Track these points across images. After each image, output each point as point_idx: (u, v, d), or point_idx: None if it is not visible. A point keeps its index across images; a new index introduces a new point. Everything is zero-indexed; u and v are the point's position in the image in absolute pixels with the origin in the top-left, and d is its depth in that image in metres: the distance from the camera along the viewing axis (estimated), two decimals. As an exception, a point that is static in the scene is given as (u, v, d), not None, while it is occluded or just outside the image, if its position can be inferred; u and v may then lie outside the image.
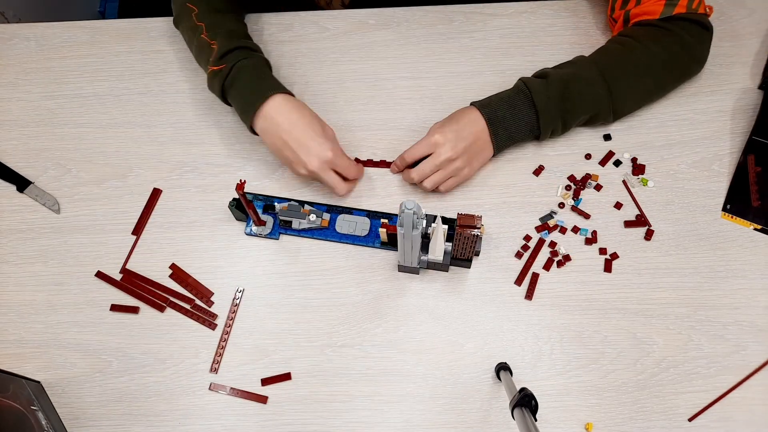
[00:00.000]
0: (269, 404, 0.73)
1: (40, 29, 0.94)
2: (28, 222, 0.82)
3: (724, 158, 0.82)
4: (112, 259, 0.80)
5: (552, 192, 0.81)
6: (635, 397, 0.71)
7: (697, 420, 0.71)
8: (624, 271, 0.77)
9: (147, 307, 0.77)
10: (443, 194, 0.80)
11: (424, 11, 0.92)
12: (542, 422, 0.70)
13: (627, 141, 0.83)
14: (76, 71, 0.91)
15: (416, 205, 0.61)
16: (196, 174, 0.84)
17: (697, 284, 0.76)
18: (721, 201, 0.80)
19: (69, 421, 0.73)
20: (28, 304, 0.78)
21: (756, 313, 0.74)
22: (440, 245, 0.70)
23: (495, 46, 0.90)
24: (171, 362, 0.75)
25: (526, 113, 0.77)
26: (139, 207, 0.82)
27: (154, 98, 0.89)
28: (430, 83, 0.88)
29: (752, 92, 0.85)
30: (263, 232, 0.79)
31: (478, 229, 0.66)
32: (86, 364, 0.75)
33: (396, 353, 0.74)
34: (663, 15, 0.79)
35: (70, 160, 0.85)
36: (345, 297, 0.77)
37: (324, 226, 0.79)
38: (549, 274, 0.77)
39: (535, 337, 0.74)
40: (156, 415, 0.73)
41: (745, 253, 0.77)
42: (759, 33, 0.89)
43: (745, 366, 0.72)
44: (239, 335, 0.75)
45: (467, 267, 0.77)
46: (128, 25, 0.94)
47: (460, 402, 0.72)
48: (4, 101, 0.89)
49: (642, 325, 0.74)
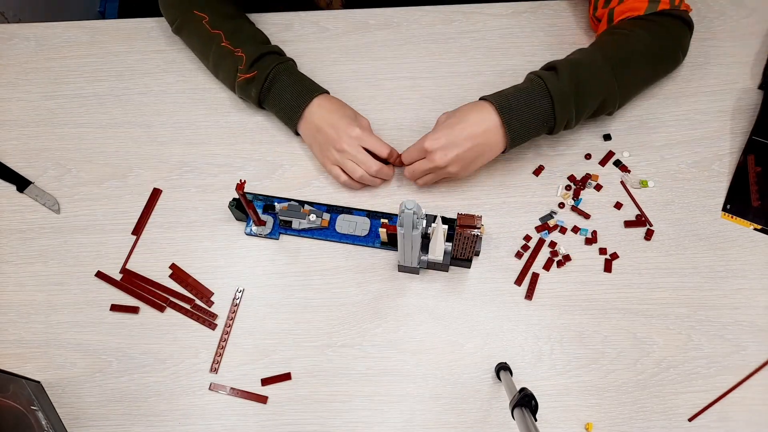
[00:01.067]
0: (269, 404, 0.73)
1: (40, 29, 0.94)
2: (28, 222, 0.82)
3: (724, 158, 0.82)
4: (112, 259, 0.80)
5: (552, 192, 0.81)
6: (635, 397, 0.71)
7: (697, 420, 0.71)
8: (624, 271, 0.77)
9: (147, 307, 0.77)
10: (443, 193, 0.80)
11: (424, 11, 0.92)
12: (542, 422, 0.70)
13: (627, 141, 0.83)
14: (76, 71, 0.91)
15: (416, 205, 0.61)
16: (196, 174, 0.84)
17: (697, 284, 0.76)
18: (721, 201, 0.80)
19: (69, 421, 0.73)
20: (28, 304, 0.78)
21: (756, 313, 0.74)
22: (440, 245, 0.70)
23: (495, 46, 0.90)
24: (171, 362, 0.75)
25: (541, 103, 0.74)
26: (139, 207, 0.82)
27: (154, 98, 0.89)
28: (430, 83, 0.88)
29: (752, 92, 0.85)
30: (263, 232, 0.79)
31: (478, 229, 0.66)
32: (86, 364, 0.75)
33: (396, 353, 0.74)
34: (648, 11, 0.80)
35: (70, 160, 0.85)
36: (345, 297, 0.77)
37: (324, 226, 0.79)
38: (549, 274, 0.77)
39: (535, 337, 0.74)
40: (156, 415, 0.73)
41: (745, 253, 0.77)
42: (759, 33, 0.89)
43: (745, 366, 0.72)
44: (239, 335, 0.75)
45: (467, 267, 0.77)
46: (128, 25, 0.94)
47: (460, 402, 0.72)
48: (4, 101, 0.89)
49: (642, 325, 0.74)
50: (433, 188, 0.81)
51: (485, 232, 0.78)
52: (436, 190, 0.81)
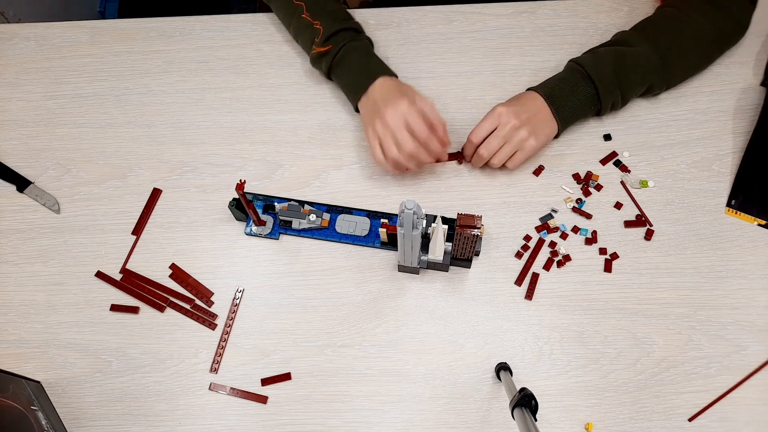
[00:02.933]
0: (269, 404, 0.73)
1: (40, 29, 0.94)
2: (28, 222, 0.82)
3: (725, 158, 0.82)
4: (112, 259, 0.80)
5: (553, 191, 0.81)
6: (635, 397, 0.71)
7: (697, 420, 0.71)
8: (624, 271, 0.77)
9: (147, 307, 0.77)
10: (443, 193, 0.80)
11: (424, 11, 0.92)
12: (542, 422, 0.70)
13: (627, 141, 0.83)
14: (76, 71, 0.91)
15: (416, 205, 0.61)
16: (196, 174, 0.84)
17: (697, 284, 0.76)
18: (722, 201, 0.80)
19: (69, 421, 0.73)
20: (28, 304, 0.78)
21: (756, 313, 0.74)
22: (440, 245, 0.70)
23: (495, 46, 0.90)
24: (171, 362, 0.75)
25: (584, 88, 0.79)
26: (139, 207, 0.82)
27: (154, 98, 0.89)
28: (430, 83, 0.87)
29: (753, 92, 0.85)
30: (263, 232, 0.79)
31: (478, 229, 0.66)
32: (86, 364, 0.75)
33: (396, 353, 0.74)
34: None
35: (70, 160, 0.85)
36: (345, 297, 0.77)
37: (324, 226, 0.79)
38: (549, 274, 0.77)
39: (535, 337, 0.74)
40: (156, 415, 0.73)
41: (745, 253, 0.77)
42: (759, 33, 0.89)
43: (745, 366, 0.72)
44: (239, 335, 0.75)
45: (467, 267, 0.77)
46: (128, 25, 0.94)
47: (460, 402, 0.72)
48: (4, 101, 0.89)
49: (642, 325, 0.74)
50: (433, 188, 0.81)
51: (485, 232, 0.78)
52: (435, 190, 0.81)
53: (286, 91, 0.88)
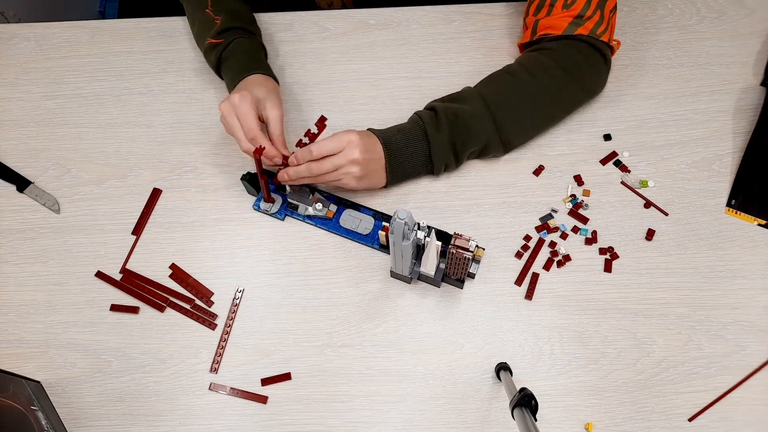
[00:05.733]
0: (269, 404, 0.73)
1: (40, 29, 0.94)
2: (28, 222, 0.82)
3: (725, 158, 0.82)
4: (112, 259, 0.80)
5: (553, 192, 0.81)
6: (635, 397, 0.71)
7: (697, 420, 0.71)
8: (624, 271, 0.77)
9: (147, 307, 0.77)
10: (443, 193, 0.80)
11: (424, 11, 0.92)
12: (542, 422, 0.70)
13: (627, 141, 0.83)
14: (76, 71, 0.91)
15: (409, 216, 0.61)
16: (196, 174, 0.84)
17: (697, 284, 0.76)
18: (722, 201, 0.80)
19: (69, 421, 0.73)
20: (28, 304, 0.78)
21: (756, 313, 0.74)
22: (432, 260, 0.69)
23: (495, 46, 0.90)
24: (171, 362, 0.75)
25: (421, 146, 0.76)
26: (139, 207, 0.82)
27: (154, 98, 0.89)
28: (430, 83, 0.88)
29: (753, 92, 0.85)
30: (271, 210, 0.79)
31: (471, 252, 0.65)
32: (86, 364, 0.75)
33: (396, 353, 0.74)
34: (565, 32, 0.77)
35: (70, 160, 0.85)
36: (345, 297, 0.77)
37: (329, 217, 0.79)
38: (549, 274, 0.77)
39: (535, 337, 0.74)
40: (156, 415, 0.73)
41: (745, 253, 0.77)
42: (759, 33, 0.89)
43: (745, 366, 0.72)
44: (239, 335, 0.75)
45: (459, 287, 0.76)
46: (128, 25, 0.94)
47: (460, 402, 0.72)
48: (4, 101, 0.89)
49: (642, 325, 0.74)
50: (433, 188, 0.81)
51: (483, 255, 0.76)
52: (435, 190, 0.81)
53: (286, 91, 0.88)
